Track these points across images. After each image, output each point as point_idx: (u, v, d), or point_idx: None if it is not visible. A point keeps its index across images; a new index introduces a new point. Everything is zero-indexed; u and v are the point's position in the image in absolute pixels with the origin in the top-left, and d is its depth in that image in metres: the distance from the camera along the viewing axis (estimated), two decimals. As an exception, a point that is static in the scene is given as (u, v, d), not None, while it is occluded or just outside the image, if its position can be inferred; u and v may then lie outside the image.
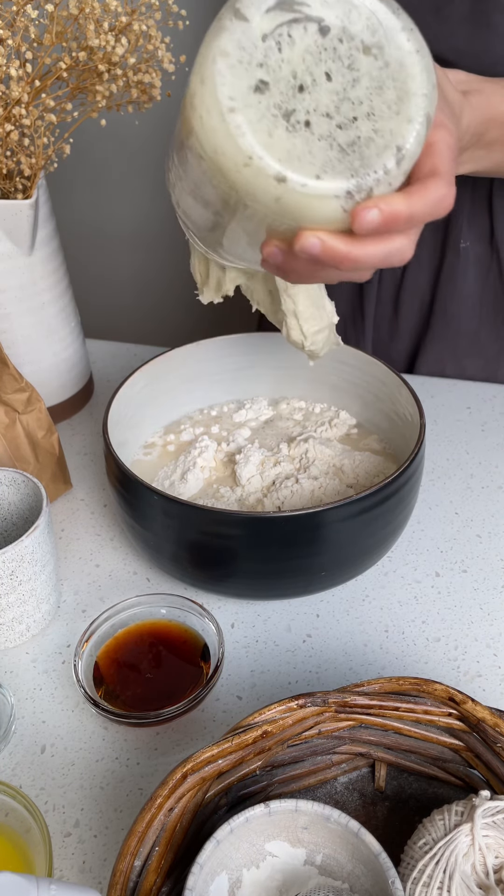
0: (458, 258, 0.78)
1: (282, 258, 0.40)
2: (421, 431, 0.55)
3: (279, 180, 0.34)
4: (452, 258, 0.79)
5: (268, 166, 0.34)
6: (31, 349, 0.72)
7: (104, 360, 0.88)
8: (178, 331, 1.48)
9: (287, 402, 0.71)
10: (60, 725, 0.50)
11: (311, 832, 0.38)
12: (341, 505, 0.49)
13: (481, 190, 0.75)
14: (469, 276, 0.79)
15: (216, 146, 0.34)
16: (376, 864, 0.36)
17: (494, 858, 0.36)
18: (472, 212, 0.76)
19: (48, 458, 0.65)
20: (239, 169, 0.34)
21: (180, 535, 0.52)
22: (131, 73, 0.63)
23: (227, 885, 0.38)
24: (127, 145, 1.31)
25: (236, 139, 0.34)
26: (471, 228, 0.77)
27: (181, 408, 0.70)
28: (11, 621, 0.53)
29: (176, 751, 0.49)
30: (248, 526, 0.50)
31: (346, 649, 0.55)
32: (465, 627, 0.56)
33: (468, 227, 0.77)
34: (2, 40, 0.59)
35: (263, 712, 0.41)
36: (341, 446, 0.65)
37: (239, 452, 0.63)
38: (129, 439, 0.64)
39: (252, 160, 0.34)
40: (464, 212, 0.76)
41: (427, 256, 0.80)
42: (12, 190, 0.66)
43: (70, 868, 0.43)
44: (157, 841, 0.37)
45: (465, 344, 0.83)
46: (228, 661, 0.54)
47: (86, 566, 0.62)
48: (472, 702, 0.42)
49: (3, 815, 0.41)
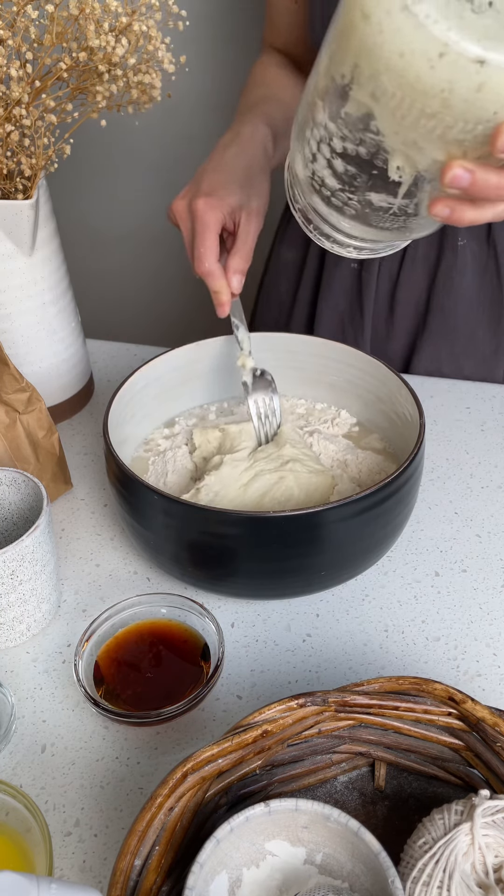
0: (455, 256, 0.79)
1: (469, 180, 0.36)
2: (420, 431, 0.55)
3: (480, 63, 0.31)
4: (450, 256, 0.79)
5: (466, 49, 0.31)
6: (32, 349, 0.72)
7: (104, 360, 0.88)
8: (178, 331, 1.49)
9: (288, 399, 0.71)
10: (61, 725, 0.50)
11: (311, 831, 0.38)
12: (341, 505, 0.49)
13: None
14: (466, 275, 0.79)
15: (402, 47, 0.32)
16: (376, 863, 0.36)
17: (494, 857, 0.36)
18: None
19: (48, 458, 0.65)
20: (433, 63, 0.32)
21: (180, 534, 0.52)
22: (131, 73, 0.63)
23: (227, 884, 0.38)
24: (127, 145, 1.31)
25: (428, 28, 0.31)
26: (469, 226, 0.77)
27: (181, 407, 0.70)
28: (12, 621, 0.53)
29: (176, 750, 0.49)
30: (248, 526, 0.50)
31: (345, 649, 0.55)
32: (464, 627, 0.56)
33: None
34: (2, 41, 0.59)
35: (263, 712, 0.41)
36: (345, 442, 0.65)
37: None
38: (129, 439, 0.64)
39: (448, 47, 0.31)
40: None
41: (424, 254, 0.80)
42: (13, 190, 0.66)
43: (70, 867, 0.43)
44: (157, 840, 0.37)
45: (462, 342, 0.83)
46: (228, 661, 0.54)
47: (86, 566, 0.62)
48: (471, 701, 0.42)
49: (4, 814, 0.41)
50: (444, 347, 0.84)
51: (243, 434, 0.63)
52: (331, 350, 0.67)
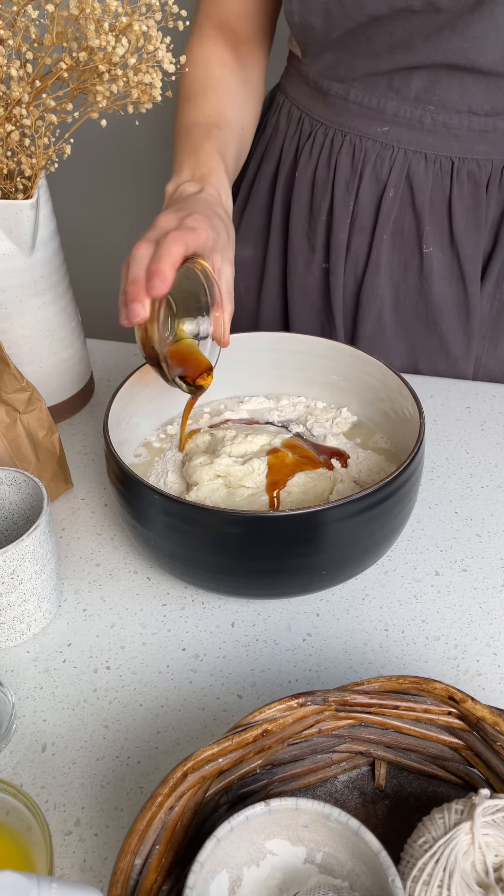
0: (422, 262, 0.79)
1: None
2: (421, 431, 0.55)
3: None
4: (417, 263, 0.79)
5: None
6: (32, 349, 0.72)
7: (104, 360, 0.88)
8: (178, 330, 1.48)
9: (288, 397, 0.71)
10: (61, 724, 0.50)
11: (312, 830, 0.38)
12: (341, 504, 0.49)
13: (440, 196, 0.75)
14: (433, 281, 0.79)
15: None
16: (376, 862, 0.36)
17: (494, 857, 0.36)
18: (432, 218, 0.77)
19: (49, 458, 0.65)
20: None
21: (180, 534, 0.52)
22: (132, 73, 0.63)
23: (227, 884, 0.38)
24: (127, 145, 1.31)
25: None
26: (433, 233, 0.77)
27: (181, 407, 0.70)
28: (12, 620, 0.53)
29: (176, 750, 0.49)
30: (249, 525, 0.50)
31: (346, 648, 0.55)
32: (464, 626, 0.56)
33: (430, 232, 0.77)
34: (2, 40, 0.59)
35: (263, 711, 0.41)
36: (346, 441, 0.66)
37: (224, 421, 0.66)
38: (129, 439, 0.64)
39: None
40: (425, 217, 0.76)
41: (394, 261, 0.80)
42: (13, 190, 0.66)
43: (71, 866, 0.43)
44: (157, 839, 0.38)
45: (433, 346, 0.84)
46: (228, 660, 0.54)
47: (86, 565, 0.62)
48: (471, 700, 0.42)
49: (4, 813, 0.41)
50: (418, 351, 0.85)
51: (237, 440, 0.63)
52: (331, 350, 0.67)
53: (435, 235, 0.78)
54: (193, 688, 0.52)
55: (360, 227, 0.80)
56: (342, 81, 0.76)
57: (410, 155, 0.75)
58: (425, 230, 0.77)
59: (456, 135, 0.72)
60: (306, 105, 0.81)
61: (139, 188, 1.36)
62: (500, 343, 0.84)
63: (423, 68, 0.70)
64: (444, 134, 0.73)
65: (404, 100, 0.72)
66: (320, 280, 0.85)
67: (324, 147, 0.79)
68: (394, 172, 0.76)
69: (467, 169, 0.74)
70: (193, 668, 0.54)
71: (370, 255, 0.81)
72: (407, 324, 0.84)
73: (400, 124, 0.74)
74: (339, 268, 0.82)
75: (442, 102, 0.71)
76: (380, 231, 0.79)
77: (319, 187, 0.81)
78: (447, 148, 0.73)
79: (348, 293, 0.85)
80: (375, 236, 0.79)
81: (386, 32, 0.68)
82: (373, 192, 0.78)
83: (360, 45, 0.71)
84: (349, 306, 0.85)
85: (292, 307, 0.88)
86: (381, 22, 0.67)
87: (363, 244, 0.81)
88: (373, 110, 0.75)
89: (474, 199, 0.75)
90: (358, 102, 0.75)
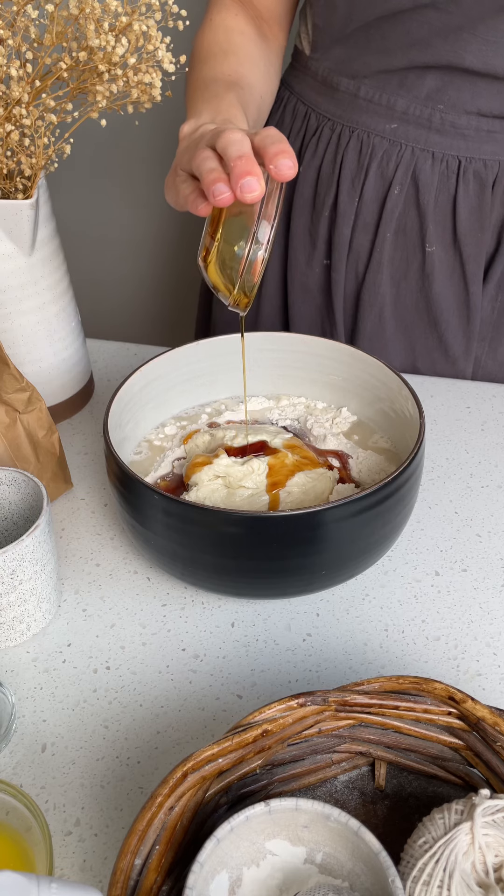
0: (424, 261, 0.79)
1: None
2: (421, 431, 0.55)
3: None
4: (419, 261, 0.79)
5: None
6: (32, 349, 0.72)
7: (104, 360, 0.88)
8: (178, 331, 1.49)
9: (288, 397, 0.71)
10: (61, 724, 0.50)
11: (312, 831, 0.38)
12: (341, 504, 0.49)
13: (445, 195, 0.75)
14: (435, 280, 0.79)
15: None
16: (376, 862, 0.36)
17: (494, 857, 0.36)
18: (436, 217, 0.77)
19: (49, 458, 0.65)
20: None
21: (180, 534, 0.52)
22: (131, 73, 0.63)
23: (227, 884, 0.38)
24: (127, 145, 1.31)
25: None
26: (436, 232, 0.77)
27: (181, 407, 0.71)
28: (12, 620, 0.53)
29: (176, 749, 0.49)
30: (249, 525, 0.50)
31: (345, 648, 0.55)
32: (464, 626, 0.56)
33: (434, 231, 0.77)
34: (2, 40, 0.59)
35: (263, 711, 0.41)
36: (346, 441, 0.66)
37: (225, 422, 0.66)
38: (129, 439, 0.64)
39: None
40: (429, 216, 0.76)
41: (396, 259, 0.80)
42: (13, 190, 0.66)
43: (71, 867, 0.43)
44: (157, 839, 0.38)
45: (433, 344, 0.84)
46: (228, 660, 0.54)
47: (86, 565, 0.62)
48: (471, 701, 0.42)
49: (4, 813, 0.41)
50: (417, 348, 0.85)
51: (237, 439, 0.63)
52: (331, 350, 0.67)
53: (438, 234, 0.78)
54: (193, 688, 0.52)
55: (364, 223, 0.80)
56: (353, 77, 0.76)
57: (417, 153, 0.75)
58: (429, 229, 0.77)
59: (464, 134, 0.72)
60: (313, 100, 0.81)
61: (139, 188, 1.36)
62: (500, 345, 0.84)
63: (438, 68, 0.70)
64: (452, 133, 0.73)
65: (415, 98, 0.72)
66: (321, 276, 0.85)
67: (330, 142, 0.79)
68: (400, 170, 0.76)
69: (474, 169, 0.74)
70: (193, 669, 0.54)
71: (372, 253, 0.81)
72: (407, 322, 0.84)
73: (408, 122, 0.74)
74: (341, 264, 0.82)
75: (452, 103, 0.71)
76: (383, 228, 0.79)
77: (324, 183, 0.81)
78: (454, 147, 0.73)
79: (349, 290, 0.85)
80: (378, 233, 0.79)
81: (402, 31, 0.68)
82: (378, 189, 0.78)
83: (372, 41, 0.71)
84: (350, 303, 0.85)
85: (292, 303, 0.88)
86: (399, 19, 0.67)
87: (366, 241, 0.81)
88: (382, 107, 0.75)
89: (479, 199, 0.75)
90: (368, 99, 0.75)
